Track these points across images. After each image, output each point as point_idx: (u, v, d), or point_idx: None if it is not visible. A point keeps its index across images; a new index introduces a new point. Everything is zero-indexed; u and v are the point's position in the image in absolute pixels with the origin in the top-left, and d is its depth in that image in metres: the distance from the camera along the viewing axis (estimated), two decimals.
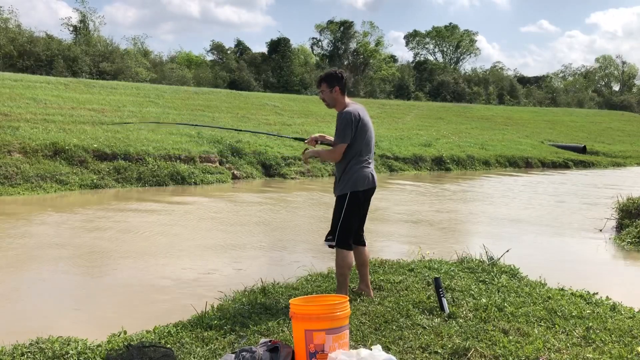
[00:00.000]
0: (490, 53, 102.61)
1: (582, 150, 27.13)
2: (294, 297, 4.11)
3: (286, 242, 7.86)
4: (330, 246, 4.24)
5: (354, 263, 4.29)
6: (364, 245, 4.40)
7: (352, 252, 4.22)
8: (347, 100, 4.29)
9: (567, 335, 3.56)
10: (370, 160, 4.25)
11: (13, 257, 6.46)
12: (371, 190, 4.26)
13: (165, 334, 3.61)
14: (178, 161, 14.08)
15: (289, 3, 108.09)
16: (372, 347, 3.08)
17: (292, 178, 15.67)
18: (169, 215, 9.60)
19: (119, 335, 3.60)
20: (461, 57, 63.77)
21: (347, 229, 4.16)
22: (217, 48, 47.15)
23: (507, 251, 5.60)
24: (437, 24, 63.67)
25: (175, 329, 3.69)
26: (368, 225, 4.60)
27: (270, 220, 9.53)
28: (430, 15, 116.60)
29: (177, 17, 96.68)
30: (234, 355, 3.05)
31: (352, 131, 4.09)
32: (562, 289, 4.69)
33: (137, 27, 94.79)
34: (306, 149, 4.49)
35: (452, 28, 62.88)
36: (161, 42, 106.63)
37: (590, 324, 3.72)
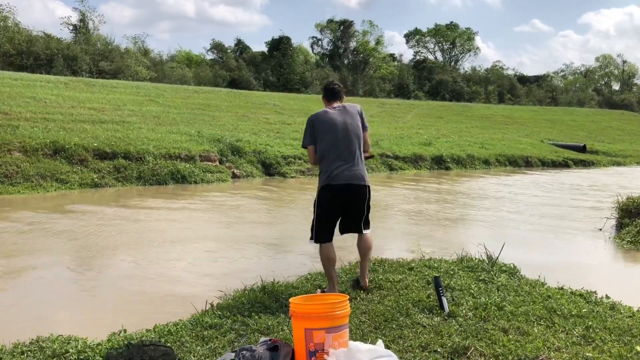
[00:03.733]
0: (486, 52, 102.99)
1: (582, 149, 27.13)
2: (294, 295, 4.11)
3: (286, 240, 7.85)
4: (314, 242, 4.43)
5: (334, 257, 4.37)
6: (362, 232, 4.47)
7: (328, 246, 4.35)
8: (335, 104, 4.52)
9: (567, 334, 3.56)
10: (343, 159, 4.30)
11: (13, 255, 6.46)
12: (343, 187, 4.28)
13: (165, 332, 3.62)
14: (178, 160, 14.09)
15: (283, 2, 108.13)
16: (377, 341, 3.09)
17: (292, 177, 15.67)
18: (168, 214, 9.60)
19: (119, 334, 3.60)
20: (460, 56, 63.65)
21: (318, 225, 4.35)
22: (217, 47, 47.12)
23: (504, 245, 5.60)
24: (431, 24, 63.39)
25: (175, 328, 3.69)
26: None
27: (270, 218, 9.53)
28: (424, 15, 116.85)
29: (172, 17, 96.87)
30: (233, 354, 3.05)
31: (309, 134, 4.38)
32: (562, 288, 4.68)
33: (133, 26, 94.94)
34: None
35: (453, 27, 62.76)
36: (158, 41, 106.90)
37: (590, 323, 3.72)
